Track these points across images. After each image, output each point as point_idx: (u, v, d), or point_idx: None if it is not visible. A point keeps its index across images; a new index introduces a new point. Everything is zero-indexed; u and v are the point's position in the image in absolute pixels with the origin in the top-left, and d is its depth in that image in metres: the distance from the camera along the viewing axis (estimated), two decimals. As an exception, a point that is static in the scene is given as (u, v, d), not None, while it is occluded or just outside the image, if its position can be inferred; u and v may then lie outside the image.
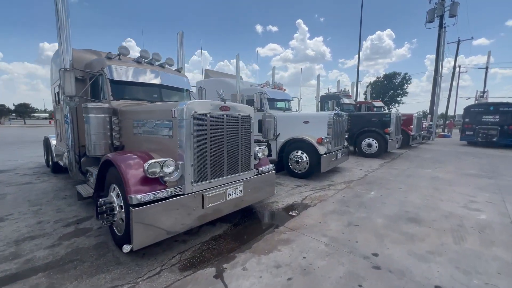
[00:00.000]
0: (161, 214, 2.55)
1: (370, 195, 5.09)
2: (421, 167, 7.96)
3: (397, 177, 6.68)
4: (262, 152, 3.98)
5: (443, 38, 17.25)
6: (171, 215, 2.65)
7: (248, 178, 3.64)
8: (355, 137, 10.25)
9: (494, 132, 13.17)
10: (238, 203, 3.50)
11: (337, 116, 6.80)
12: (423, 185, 5.87)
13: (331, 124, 6.51)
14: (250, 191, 3.67)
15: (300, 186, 5.86)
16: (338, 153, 6.94)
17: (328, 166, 6.40)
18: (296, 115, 7.41)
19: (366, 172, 7.33)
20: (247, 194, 3.61)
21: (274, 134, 7.40)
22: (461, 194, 5.16)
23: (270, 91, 7.85)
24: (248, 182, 3.63)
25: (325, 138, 6.30)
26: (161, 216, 2.55)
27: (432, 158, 9.70)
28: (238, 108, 3.41)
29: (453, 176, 6.74)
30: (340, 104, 11.03)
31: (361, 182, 6.19)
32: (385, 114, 9.92)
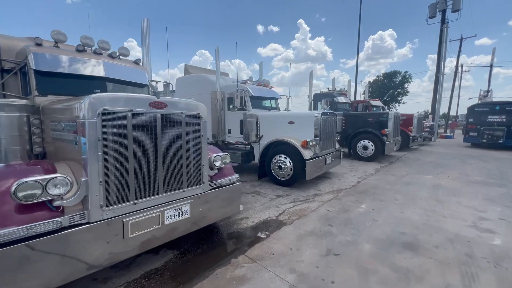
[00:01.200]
0: (43, 257, 1.76)
1: (360, 209, 4.30)
2: (422, 173, 7.15)
3: (393, 185, 5.88)
4: (221, 160, 3.20)
5: (445, 34, 16.40)
6: (67, 254, 1.87)
7: (198, 194, 2.86)
8: (350, 138, 9.46)
9: (500, 133, 12.32)
10: (184, 227, 2.72)
11: (326, 115, 6.01)
12: (423, 195, 5.06)
13: (318, 125, 5.72)
14: (202, 210, 2.90)
15: (281, 196, 5.07)
16: (328, 157, 6.15)
17: (314, 172, 5.61)
18: (280, 115, 6.62)
19: (359, 178, 6.53)
20: (197, 214, 2.84)
21: (256, 136, 6.64)
22: (468, 208, 4.35)
23: (254, 88, 7.06)
24: (199, 199, 2.85)
25: (311, 141, 5.51)
26: (43, 260, 1.77)
27: (433, 162, 8.88)
28: (181, 104, 2.64)
29: (457, 184, 5.93)
30: (334, 103, 10.23)
31: (351, 191, 5.40)
32: (383, 114, 9.12)
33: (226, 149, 7.54)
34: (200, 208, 2.88)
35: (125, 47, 4.40)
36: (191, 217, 2.77)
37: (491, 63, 21.98)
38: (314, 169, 5.59)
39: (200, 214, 2.87)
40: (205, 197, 2.93)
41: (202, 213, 2.89)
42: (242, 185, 5.98)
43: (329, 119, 6.17)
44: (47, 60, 3.36)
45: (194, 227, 2.83)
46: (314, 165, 5.56)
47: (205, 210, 2.93)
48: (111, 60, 4.08)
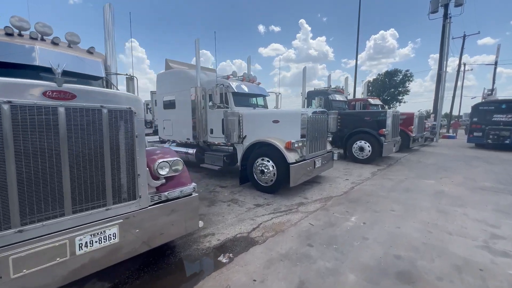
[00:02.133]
0: None
1: (348, 223, 3.64)
2: (422, 177, 6.48)
3: (391, 191, 5.22)
4: (170, 167, 2.56)
5: (448, 30, 15.67)
6: None
7: (132, 212, 2.22)
8: (345, 139, 8.79)
9: (506, 133, 11.60)
10: (110, 256, 2.09)
11: (315, 114, 5.36)
12: (424, 205, 4.40)
13: (305, 124, 5.07)
14: (140, 232, 2.26)
15: (260, 206, 4.43)
16: (317, 160, 5.49)
17: (301, 178, 4.96)
18: (264, 113, 5.98)
19: (352, 184, 5.87)
20: (131, 238, 2.20)
21: (239, 136, 6.00)
22: (477, 222, 3.69)
23: (237, 84, 6.42)
24: (133, 218, 2.21)
25: (297, 142, 4.86)
26: None
27: (436, 164, 8.20)
28: (100, 95, 2.00)
29: (463, 191, 5.26)
30: (328, 101, 9.57)
31: (342, 199, 4.74)
32: (380, 113, 8.45)
33: (208, 150, 6.92)
34: (136, 230, 2.24)
35: (74, 33, 3.77)
36: (120, 243, 2.13)
37: (496, 60, 21.17)
38: (301, 174, 4.94)
39: (135, 237, 2.23)
40: (142, 215, 2.29)
41: (138, 236, 2.26)
42: (221, 192, 5.42)
43: (319, 118, 5.52)
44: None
45: (125, 254, 2.20)
46: (300, 170, 4.91)
47: (143, 232, 2.29)
48: (53, 47, 3.44)
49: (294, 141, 4.82)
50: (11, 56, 2.99)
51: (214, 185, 5.85)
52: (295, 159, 4.82)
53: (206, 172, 7.01)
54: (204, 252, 2.89)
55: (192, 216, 2.75)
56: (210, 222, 3.71)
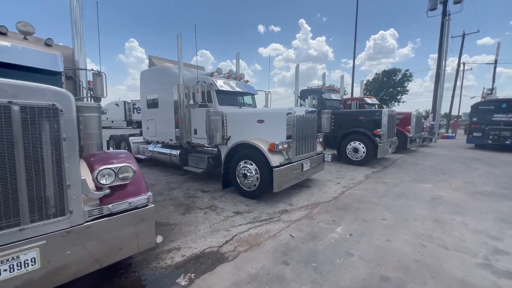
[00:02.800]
0: None
1: (333, 235, 3.26)
2: (419, 181, 6.10)
3: (383, 197, 4.83)
4: (115, 175, 2.17)
5: (446, 27, 15.30)
6: None
7: (60, 230, 1.84)
8: (339, 139, 8.40)
9: (507, 133, 11.22)
10: (28, 286, 1.70)
11: (302, 113, 4.98)
12: (419, 213, 4.01)
13: (291, 124, 4.69)
14: (72, 255, 1.88)
15: (240, 213, 4.05)
16: (305, 163, 5.11)
17: (286, 182, 4.57)
18: (248, 112, 5.60)
19: (344, 188, 5.49)
20: (58, 262, 1.82)
21: (223, 137, 5.61)
22: (477, 234, 3.31)
23: (222, 81, 6.03)
24: (61, 238, 1.83)
25: (281, 144, 4.48)
26: None
27: (433, 167, 7.82)
28: (10, 88, 1.61)
29: (461, 196, 4.88)
30: (322, 99, 9.18)
31: (330, 206, 4.36)
32: (375, 112, 8.06)
33: (193, 152, 6.53)
34: (67, 252, 1.86)
35: (29, 23, 3.40)
36: (43, 269, 1.74)
37: (496, 59, 20.82)
38: (286, 178, 4.56)
39: (66, 261, 1.85)
40: (75, 234, 1.90)
41: (70, 259, 1.87)
42: (201, 197, 4.99)
43: (307, 117, 5.13)
44: None
45: (52, 283, 1.81)
46: (285, 173, 4.52)
47: (77, 254, 1.91)
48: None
49: (278, 142, 4.43)
50: None
51: (196, 189, 5.46)
52: (279, 162, 4.44)
53: (191, 175, 6.62)
54: (162, 272, 2.51)
55: (146, 231, 2.36)
56: (180, 234, 3.33)
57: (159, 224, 3.63)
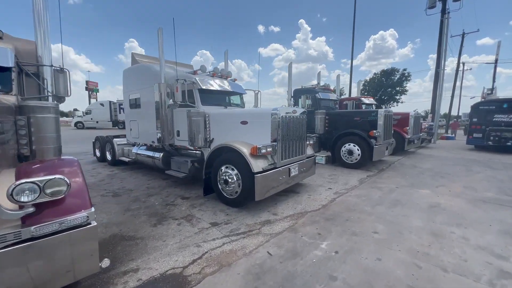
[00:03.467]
0: None
1: (316, 253, 2.87)
2: (416, 186, 5.71)
3: (377, 205, 4.44)
4: (40, 190, 1.77)
5: (445, 26, 14.94)
6: None
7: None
8: (333, 141, 8.02)
9: (508, 134, 10.85)
10: None
11: (289, 113, 4.59)
12: (415, 225, 3.63)
13: (277, 126, 4.30)
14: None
15: (217, 224, 3.66)
16: (293, 167, 4.72)
17: (269, 189, 4.18)
18: (232, 113, 5.21)
19: (335, 194, 5.10)
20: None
21: (205, 139, 5.23)
22: (480, 251, 2.92)
23: (205, 80, 5.64)
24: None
25: (264, 147, 4.09)
26: None
27: (432, 170, 7.43)
28: None
29: (462, 204, 4.50)
30: (316, 99, 8.79)
31: (318, 216, 3.97)
32: (371, 112, 7.67)
33: (176, 155, 6.15)
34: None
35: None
36: None
37: (496, 58, 20.45)
38: (270, 184, 4.16)
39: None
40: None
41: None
42: (179, 205, 4.50)
43: (295, 118, 4.74)
44: None
45: None
46: (269, 180, 4.13)
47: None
48: None
49: (261, 145, 4.04)
50: None
51: (176, 195, 5.07)
52: (262, 167, 4.05)
53: (175, 179, 6.24)
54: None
55: (85, 256, 1.97)
56: (143, 251, 2.94)
57: (123, 238, 3.25)
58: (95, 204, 4.67)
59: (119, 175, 6.85)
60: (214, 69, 6.05)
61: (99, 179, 6.44)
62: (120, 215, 4.05)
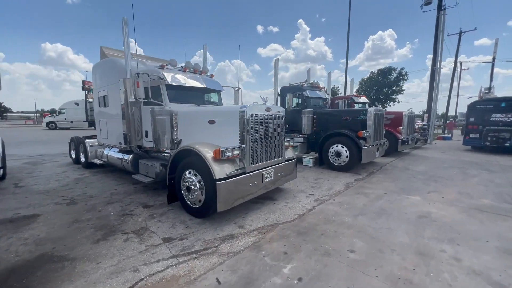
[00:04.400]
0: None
1: (276, 280, 2.35)
2: (407, 191, 5.22)
3: (360, 215, 3.94)
4: None
5: (442, 22, 14.47)
6: None
7: None
8: (320, 142, 7.51)
9: (506, 134, 10.39)
10: None
11: (262, 111, 4.08)
12: (400, 240, 3.12)
13: (246, 125, 3.78)
14: None
15: (171, 240, 3.14)
16: (267, 173, 4.21)
17: (236, 198, 3.66)
18: (200, 111, 4.69)
19: (316, 201, 4.59)
20: None
21: (172, 140, 4.70)
22: (475, 276, 2.41)
23: (174, 75, 5.12)
24: None
25: (229, 150, 3.57)
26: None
27: (425, 173, 6.94)
28: None
29: (455, 214, 4.00)
30: (304, 97, 8.28)
31: (290, 229, 3.45)
32: (360, 111, 7.16)
33: (146, 157, 5.62)
34: None
35: None
36: None
37: (494, 56, 20.03)
38: (237, 192, 3.64)
39: None
40: None
41: None
42: (137, 215, 3.83)
43: (270, 117, 4.23)
44: None
45: None
46: (236, 187, 3.61)
47: None
48: None
49: (225, 148, 3.52)
50: None
51: (139, 203, 4.55)
52: (226, 173, 3.53)
53: (145, 184, 5.70)
54: None
55: None
56: (66, 277, 2.41)
57: (51, 259, 2.71)
58: (42, 214, 4.17)
59: (88, 179, 6.31)
60: (186, 64, 5.52)
61: (63, 183, 5.90)
62: (64, 228, 3.52)
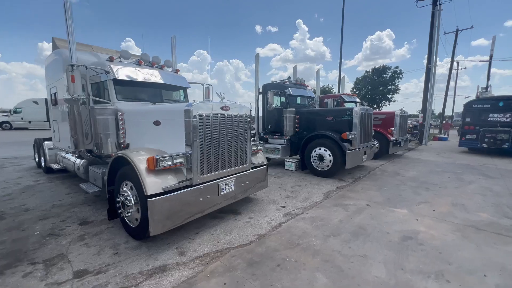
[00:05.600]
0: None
1: None
2: (393, 202, 4.56)
3: (332, 235, 3.27)
4: None
5: (437, 18, 13.87)
6: None
7: None
8: (302, 145, 6.84)
9: (504, 135, 9.79)
10: None
11: (215, 110, 3.39)
12: (374, 274, 2.45)
13: (193, 127, 3.09)
14: None
15: (83, 275, 2.45)
16: (225, 184, 3.54)
17: (176, 219, 2.97)
18: (145, 111, 4.00)
19: (285, 216, 3.92)
20: None
21: (118, 144, 4.02)
22: (468, 337, 1.75)
23: (126, 69, 4.42)
24: None
25: (169, 158, 2.90)
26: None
27: (416, 179, 6.30)
28: None
29: (447, 234, 3.34)
30: (286, 96, 7.59)
31: (241, 257, 2.77)
32: (345, 111, 6.50)
33: (99, 163, 4.91)
34: None
35: None
36: None
37: (491, 54, 19.49)
38: (179, 211, 2.96)
39: None
40: None
41: None
42: (66, 235, 3.15)
43: (229, 118, 3.55)
44: None
45: None
46: (177, 204, 2.93)
47: None
48: None
49: (160, 156, 2.84)
50: None
51: (77, 218, 3.85)
52: (163, 187, 2.84)
53: (98, 194, 4.99)
54: None
55: None
56: None
57: None
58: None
59: (39, 187, 5.60)
60: (141, 56, 4.81)
61: (7, 192, 5.19)
62: (-39, 255, 2.82)
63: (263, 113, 8.11)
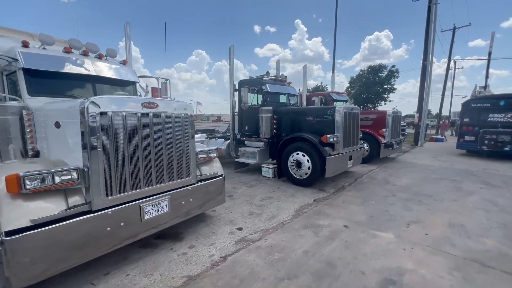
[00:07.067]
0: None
1: None
2: (377, 222, 3.72)
3: (286, 279, 2.41)
4: None
5: (433, 13, 13.09)
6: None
7: None
8: (278, 148, 5.98)
9: (506, 137, 8.99)
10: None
11: (122, 105, 2.52)
12: None
13: (91, 131, 2.22)
14: None
15: None
16: (152, 206, 2.69)
17: (60, 263, 2.09)
18: (50, 110, 3.10)
19: (236, 244, 3.05)
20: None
21: (25, 151, 3.16)
22: None
23: (45, 57, 3.53)
24: None
25: (45, 175, 2.02)
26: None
27: (408, 189, 5.46)
28: None
29: (442, 275, 2.49)
30: (263, 93, 6.72)
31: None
32: (327, 110, 5.63)
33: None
34: None
35: None
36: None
37: (490, 51, 18.79)
38: (65, 250, 2.09)
39: None
40: None
41: None
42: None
43: (151, 118, 2.67)
44: None
45: None
46: (59, 241, 2.05)
47: None
48: None
49: (25, 174, 1.96)
50: None
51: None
52: (31, 219, 1.96)
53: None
54: None
55: None
56: None
57: None
58: None
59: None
60: (69, 41, 3.88)
61: None
62: None
63: (239, 113, 7.24)
